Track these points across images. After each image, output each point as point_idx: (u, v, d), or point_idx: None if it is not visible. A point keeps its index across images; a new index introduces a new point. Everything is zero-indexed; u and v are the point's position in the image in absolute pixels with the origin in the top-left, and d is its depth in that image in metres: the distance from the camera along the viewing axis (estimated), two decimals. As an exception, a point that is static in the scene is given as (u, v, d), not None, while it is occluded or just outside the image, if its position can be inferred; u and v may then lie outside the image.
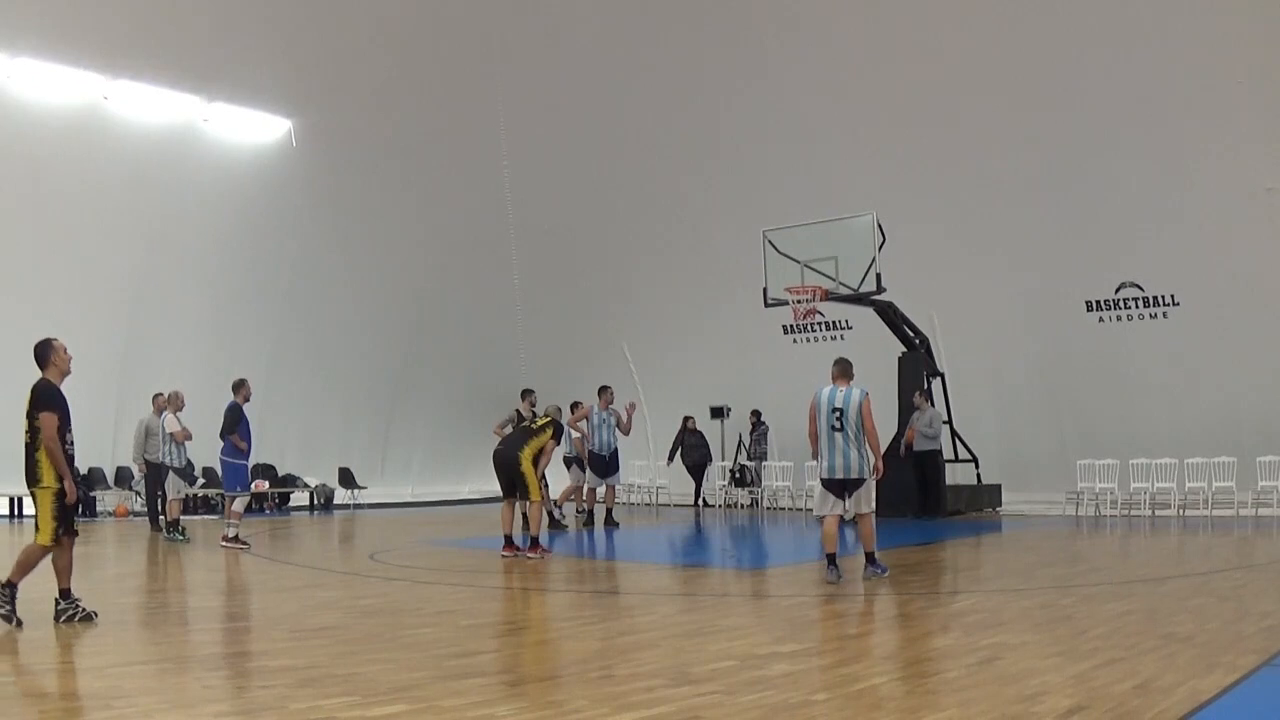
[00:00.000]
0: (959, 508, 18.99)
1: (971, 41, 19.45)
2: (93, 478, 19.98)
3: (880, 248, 17.74)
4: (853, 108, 20.80)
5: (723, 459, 23.45)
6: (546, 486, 14.85)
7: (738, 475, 23.07)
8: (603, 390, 17.65)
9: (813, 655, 6.98)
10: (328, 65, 21.65)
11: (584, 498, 17.85)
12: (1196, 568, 11.95)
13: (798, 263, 18.49)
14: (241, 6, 20.11)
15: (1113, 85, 18.33)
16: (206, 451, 16.11)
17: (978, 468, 19.84)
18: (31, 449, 7.99)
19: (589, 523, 17.44)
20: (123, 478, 20.50)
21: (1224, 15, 17.43)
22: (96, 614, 8.07)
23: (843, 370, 10.67)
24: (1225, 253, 18.15)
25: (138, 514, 19.65)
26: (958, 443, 19.53)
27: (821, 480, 10.52)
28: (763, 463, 22.52)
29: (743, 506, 22.73)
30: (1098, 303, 19.57)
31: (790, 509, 21.37)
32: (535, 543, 12.83)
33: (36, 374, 8.12)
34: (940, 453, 18.66)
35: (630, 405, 17.65)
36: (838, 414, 10.30)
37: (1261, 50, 17.26)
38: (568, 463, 18.07)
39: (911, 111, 20.26)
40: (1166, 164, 18.20)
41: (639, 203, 23.96)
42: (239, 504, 14.40)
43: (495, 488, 13.24)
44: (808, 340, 22.90)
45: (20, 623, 7.80)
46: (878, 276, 17.84)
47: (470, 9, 22.37)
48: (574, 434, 17.59)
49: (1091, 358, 19.58)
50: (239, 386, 14.50)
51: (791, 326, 22.27)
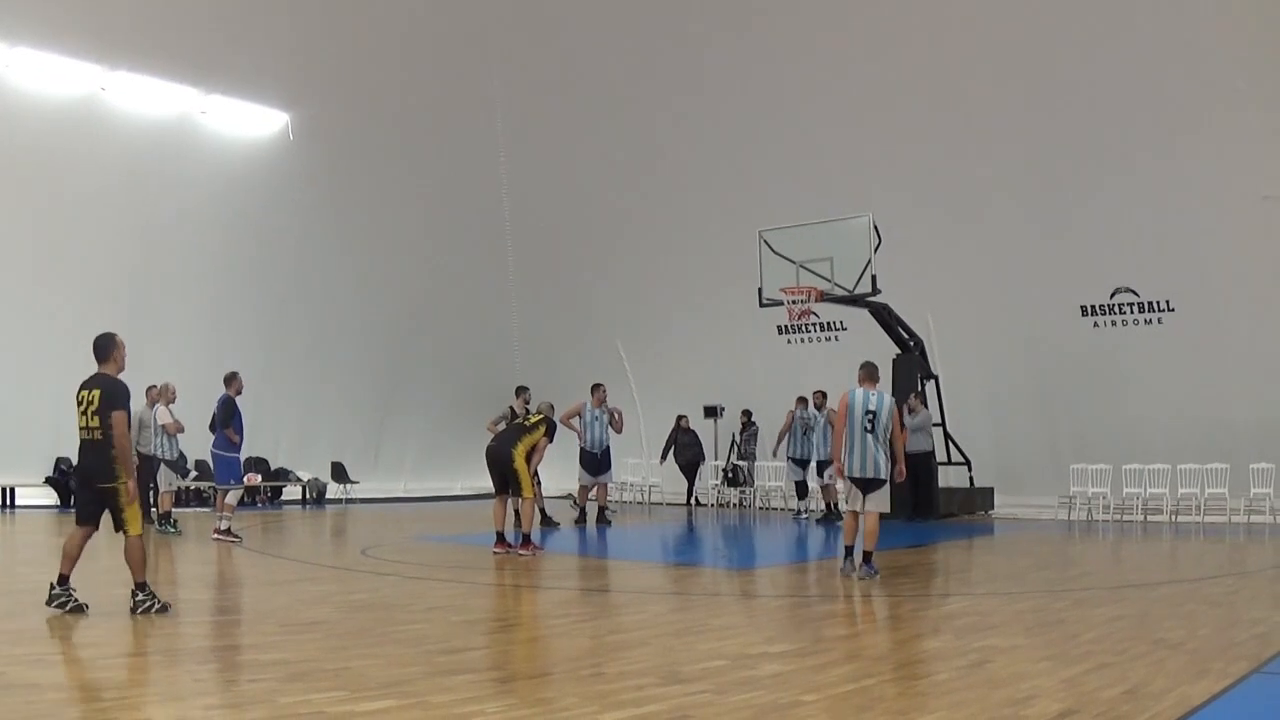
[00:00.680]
0: (951, 510, 18.98)
1: (970, 46, 19.48)
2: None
3: (876, 249, 17.73)
4: (850, 109, 20.81)
5: (715, 458, 23.44)
6: (539, 483, 14.86)
7: (730, 475, 23.06)
8: (595, 388, 17.65)
9: (803, 656, 6.98)
10: (325, 59, 21.64)
11: (578, 495, 17.87)
12: (1188, 574, 11.99)
13: (793, 263, 18.48)
14: (239, -1, 20.13)
15: (1110, 91, 18.36)
16: (199, 444, 16.06)
17: (971, 471, 19.84)
18: (106, 446, 7.96)
19: (581, 520, 17.44)
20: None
21: (1222, 21, 17.46)
22: (88, 606, 8.05)
23: (870, 373, 11.05)
24: (1221, 259, 18.16)
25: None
26: (951, 445, 19.53)
27: (851, 478, 10.92)
28: (753, 463, 22.50)
29: (734, 506, 22.72)
30: (1093, 307, 19.58)
31: (783, 509, 21.37)
32: (527, 540, 12.83)
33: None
34: (933, 455, 18.67)
35: (617, 414, 17.63)
36: (870, 416, 10.71)
37: (1260, 56, 17.29)
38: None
39: (909, 113, 20.27)
40: (1163, 170, 18.22)
41: (635, 201, 23.96)
42: (231, 497, 14.36)
43: (488, 484, 13.22)
44: (802, 341, 22.91)
45: (169, 606, 8.11)
46: (873, 278, 17.83)
47: (467, 3, 22.37)
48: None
49: (1086, 362, 19.59)
50: (231, 379, 14.47)
51: (786, 327, 22.27)
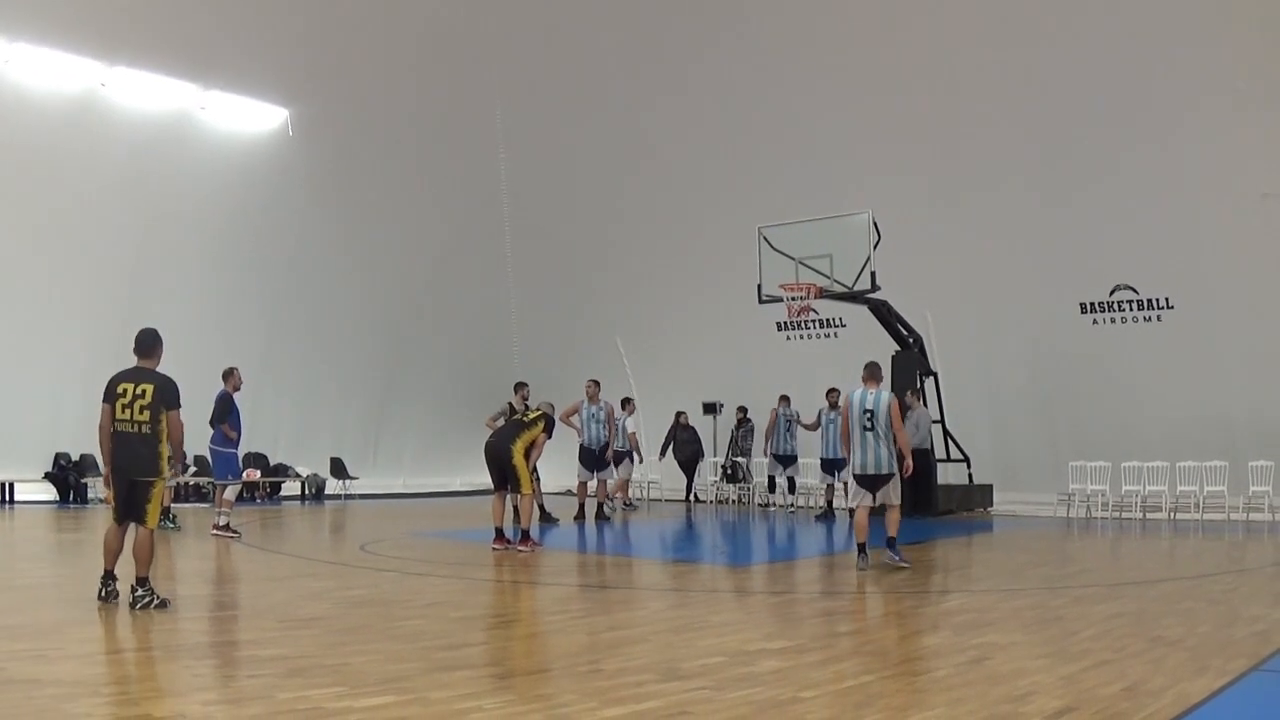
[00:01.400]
0: (950, 507, 18.97)
1: (970, 42, 19.45)
2: (84, 464, 19.92)
3: (875, 246, 17.70)
4: (849, 105, 20.77)
5: (714, 455, 23.43)
6: (538, 480, 14.85)
7: (729, 471, 23.05)
8: (592, 384, 17.63)
9: (802, 652, 6.97)
10: (325, 54, 21.59)
11: (577, 491, 17.87)
12: (1187, 571, 11.99)
13: (792, 260, 18.45)
14: (239, -6, 20.10)
15: (1111, 89, 18.33)
16: (198, 440, 16.04)
17: (970, 467, 19.83)
18: (154, 441, 8.08)
19: (580, 516, 17.43)
20: (114, 465, 20.38)
21: (1222, 19, 17.44)
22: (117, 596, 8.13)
23: (872, 373, 11.49)
24: (1220, 257, 18.14)
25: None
26: (950, 442, 19.53)
27: (854, 475, 11.31)
28: (751, 459, 22.46)
29: (732, 502, 22.71)
30: (1092, 304, 19.58)
31: (781, 506, 21.36)
32: (526, 536, 12.84)
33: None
34: (931, 452, 18.66)
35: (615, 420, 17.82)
36: (868, 415, 11.12)
37: (1260, 54, 17.26)
38: (618, 457, 19.03)
39: (908, 111, 20.24)
40: (1163, 168, 18.20)
41: (635, 197, 23.94)
42: (230, 492, 14.38)
43: (487, 480, 13.21)
44: (801, 338, 22.89)
45: (168, 602, 8.13)
46: (872, 275, 17.80)
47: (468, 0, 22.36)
48: (629, 428, 19.49)
49: (1085, 359, 19.58)
50: (228, 375, 14.47)
51: (785, 324, 22.22)
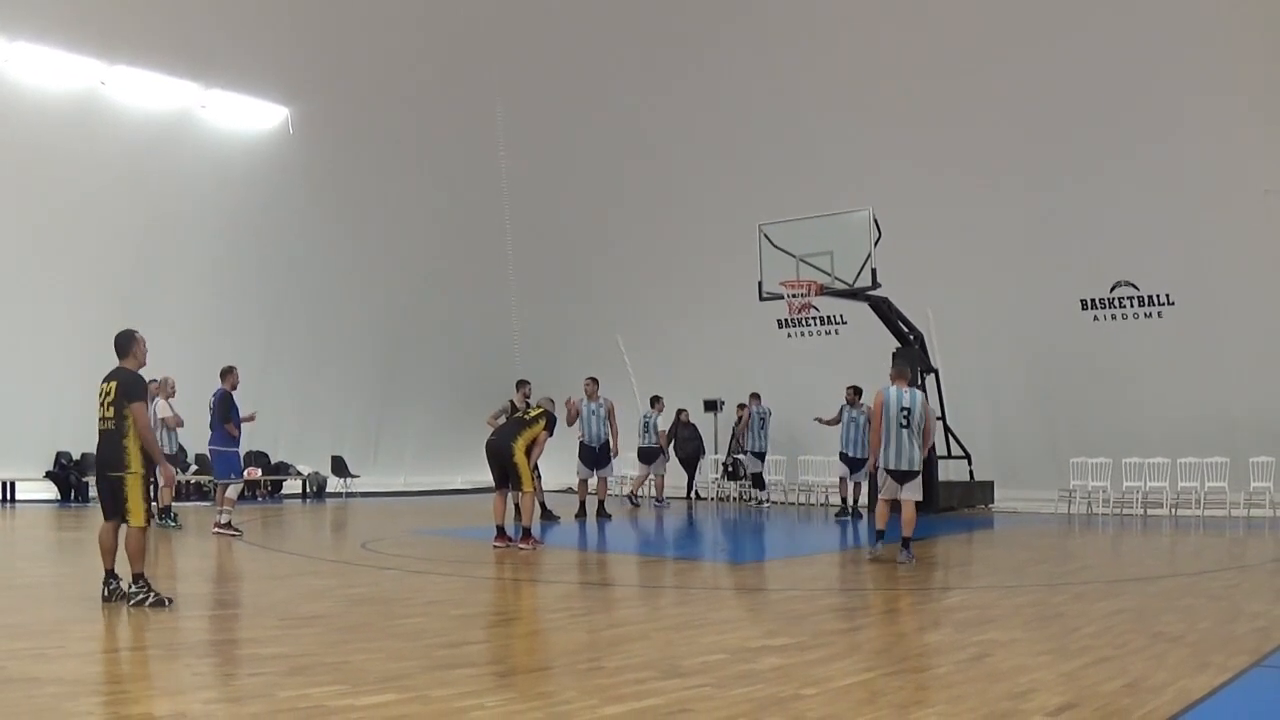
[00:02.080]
0: (951, 504, 18.98)
1: (969, 39, 19.44)
2: (85, 463, 19.91)
3: (876, 243, 17.70)
4: (850, 103, 20.76)
5: (715, 452, 23.43)
6: (539, 477, 14.85)
7: (730, 468, 23.04)
8: (590, 381, 17.63)
9: (803, 649, 6.97)
10: (325, 53, 21.60)
11: (577, 489, 17.88)
12: (1188, 567, 11.98)
13: (793, 257, 18.45)
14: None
15: (1111, 85, 18.31)
16: (199, 438, 16.06)
17: (970, 464, 19.84)
18: (118, 436, 8.17)
19: (580, 514, 17.43)
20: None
21: (1222, 15, 17.42)
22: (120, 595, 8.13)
23: (900, 371, 11.82)
24: (1221, 253, 18.14)
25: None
26: (951, 439, 19.52)
27: (888, 470, 11.59)
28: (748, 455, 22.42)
29: (734, 499, 22.71)
30: (1093, 301, 19.58)
31: (783, 502, 21.36)
32: (528, 534, 12.83)
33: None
34: (933, 448, 18.61)
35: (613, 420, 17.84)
36: (905, 413, 11.42)
37: (1260, 51, 17.25)
38: (652, 454, 20.21)
39: (909, 107, 20.23)
40: (1164, 164, 18.18)
41: (635, 195, 23.94)
42: (231, 491, 14.38)
43: (488, 478, 13.21)
44: (802, 335, 22.89)
45: (171, 600, 8.14)
46: (873, 272, 17.80)
47: (468, -2, 22.37)
48: (658, 425, 20.38)
49: (1086, 356, 19.57)
50: (227, 373, 14.48)
51: (786, 321, 22.22)
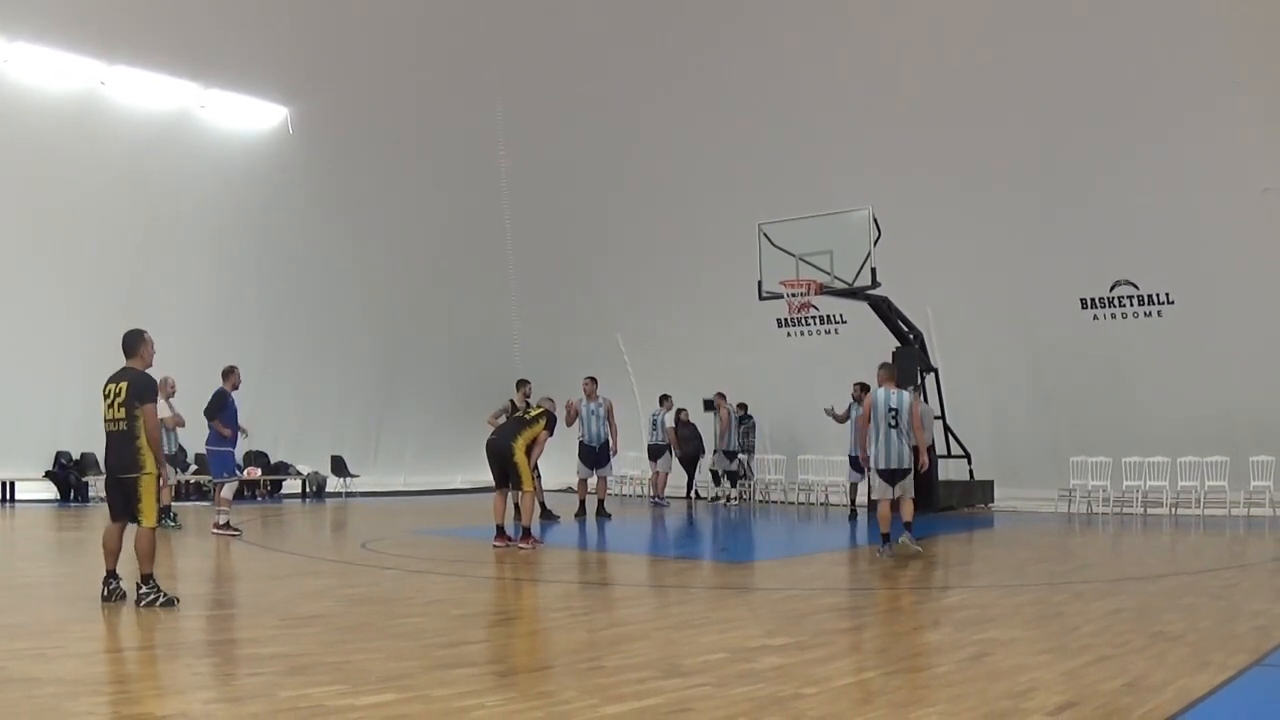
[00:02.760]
0: (951, 503, 18.98)
1: (970, 38, 19.42)
2: (85, 463, 19.93)
3: (876, 242, 17.70)
4: (849, 102, 20.76)
5: (715, 451, 23.39)
6: (539, 477, 14.85)
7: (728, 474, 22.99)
8: (589, 381, 17.63)
9: (803, 649, 6.97)
10: (325, 53, 21.60)
11: (577, 489, 17.88)
12: (1188, 566, 11.97)
13: (793, 256, 18.46)
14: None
15: (1110, 83, 18.30)
16: (199, 438, 16.08)
17: (970, 463, 19.84)
18: (131, 437, 8.15)
19: (580, 513, 17.43)
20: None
21: (1222, 14, 17.42)
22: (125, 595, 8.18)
23: (889, 374, 12.23)
24: (1221, 252, 18.12)
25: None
26: (951, 438, 19.52)
27: (878, 470, 12.01)
28: (752, 456, 22.40)
29: (732, 499, 22.68)
30: (1092, 300, 19.56)
31: (782, 502, 21.36)
32: (527, 533, 12.84)
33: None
34: (933, 448, 18.64)
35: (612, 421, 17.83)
36: (893, 414, 11.82)
37: (1260, 49, 17.24)
38: (658, 451, 20.90)
39: (909, 107, 20.22)
40: (1163, 162, 18.17)
41: (635, 194, 23.93)
42: (228, 490, 14.39)
43: (488, 478, 13.21)
44: (801, 334, 22.88)
45: (176, 600, 8.18)
46: (873, 271, 17.80)
47: (468, -3, 22.37)
48: (667, 424, 20.99)
49: (1086, 355, 19.55)
50: (228, 373, 14.46)
51: (785, 320, 22.24)
